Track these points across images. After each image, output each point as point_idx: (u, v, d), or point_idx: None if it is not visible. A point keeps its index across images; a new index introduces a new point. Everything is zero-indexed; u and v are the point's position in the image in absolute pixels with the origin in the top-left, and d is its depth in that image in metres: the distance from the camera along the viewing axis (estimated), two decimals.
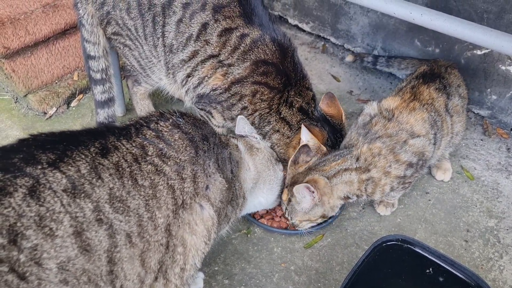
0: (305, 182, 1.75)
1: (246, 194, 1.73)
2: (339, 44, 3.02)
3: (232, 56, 1.91)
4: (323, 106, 2.02)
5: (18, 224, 1.04)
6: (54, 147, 1.19)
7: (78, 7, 2.11)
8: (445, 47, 2.51)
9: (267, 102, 1.95)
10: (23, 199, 1.07)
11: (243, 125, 1.83)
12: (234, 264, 1.90)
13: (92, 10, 2.08)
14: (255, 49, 1.90)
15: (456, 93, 2.08)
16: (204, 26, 1.90)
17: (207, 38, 1.91)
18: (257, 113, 1.97)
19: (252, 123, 2.00)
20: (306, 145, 1.88)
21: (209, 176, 1.45)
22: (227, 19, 1.89)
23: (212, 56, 1.94)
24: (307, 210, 1.82)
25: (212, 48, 1.92)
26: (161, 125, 1.41)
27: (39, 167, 1.13)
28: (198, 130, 1.49)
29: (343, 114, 2.04)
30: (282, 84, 1.95)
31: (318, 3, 2.99)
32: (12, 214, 1.04)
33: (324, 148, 1.90)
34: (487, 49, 2.34)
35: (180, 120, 1.46)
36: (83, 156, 1.20)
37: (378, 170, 1.80)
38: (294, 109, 1.97)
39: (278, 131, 1.99)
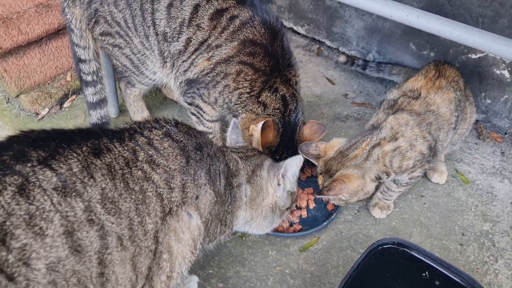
0: (335, 180, 1.77)
1: (233, 225, 1.66)
2: (334, 47, 3.02)
3: (220, 37, 1.90)
4: (306, 129, 2.00)
5: (8, 223, 1.02)
6: (46, 145, 1.17)
7: (65, 12, 2.10)
8: (440, 50, 2.51)
9: (249, 83, 1.93)
10: (12, 197, 1.05)
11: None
12: (228, 267, 1.88)
13: (80, 12, 2.06)
14: (244, 30, 1.88)
15: (467, 84, 2.15)
16: (196, 8, 1.88)
17: (198, 22, 1.89)
18: (237, 91, 1.95)
19: (230, 101, 1.98)
20: (304, 144, 1.90)
21: (200, 186, 1.42)
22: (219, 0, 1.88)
23: (203, 42, 1.92)
24: (341, 199, 1.83)
25: (203, 32, 1.90)
26: (153, 133, 1.39)
27: (29, 165, 1.11)
28: (192, 138, 1.47)
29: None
30: (269, 68, 1.92)
31: (313, 6, 2.99)
32: (1, 213, 1.02)
33: (260, 149, 1.86)
34: (482, 53, 2.34)
35: (173, 129, 1.44)
36: (75, 155, 1.18)
37: (405, 140, 1.78)
38: (277, 95, 1.94)
39: (250, 110, 1.96)
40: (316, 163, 1.92)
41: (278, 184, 1.63)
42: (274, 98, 1.94)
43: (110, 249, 1.16)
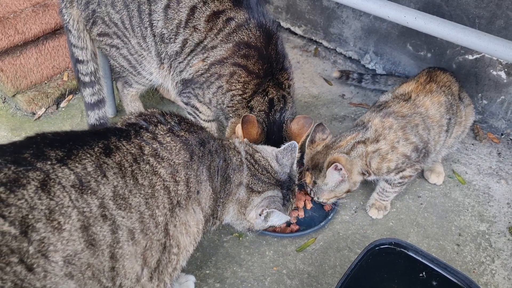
0: (328, 162, 1.81)
1: (223, 219, 1.67)
2: (331, 47, 3.03)
3: (216, 38, 1.90)
4: (294, 124, 1.96)
5: (30, 216, 1.08)
6: (61, 145, 1.22)
7: (63, 12, 2.09)
8: (437, 51, 2.52)
9: (242, 85, 1.93)
10: (35, 192, 1.10)
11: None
12: (225, 267, 1.87)
13: (77, 13, 2.06)
14: (239, 32, 1.88)
15: (463, 88, 2.16)
16: (193, 10, 1.88)
17: (195, 24, 1.89)
18: (230, 93, 1.95)
19: (222, 103, 1.98)
20: (321, 123, 1.93)
21: (200, 182, 1.46)
22: (215, 1, 1.88)
23: (199, 43, 1.93)
24: (333, 187, 1.87)
25: (199, 34, 1.91)
26: (159, 128, 1.44)
27: (49, 162, 1.16)
28: (194, 134, 1.50)
29: (299, 142, 1.94)
30: (263, 71, 1.92)
31: (310, 6, 2.99)
32: (24, 206, 1.08)
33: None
34: (478, 54, 2.35)
35: (176, 126, 1.47)
36: (88, 155, 1.23)
37: (386, 143, 1.84)
38: (265, 98, 1.94)
39: (239, 115, 1.96)
40: (307, 148, 1.95)
41: (260, 215, 1.63)
42: (261, 101, 1.95)
43: (121, 243, 1.22)
